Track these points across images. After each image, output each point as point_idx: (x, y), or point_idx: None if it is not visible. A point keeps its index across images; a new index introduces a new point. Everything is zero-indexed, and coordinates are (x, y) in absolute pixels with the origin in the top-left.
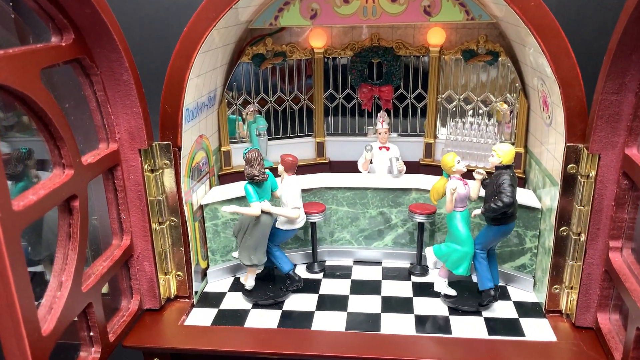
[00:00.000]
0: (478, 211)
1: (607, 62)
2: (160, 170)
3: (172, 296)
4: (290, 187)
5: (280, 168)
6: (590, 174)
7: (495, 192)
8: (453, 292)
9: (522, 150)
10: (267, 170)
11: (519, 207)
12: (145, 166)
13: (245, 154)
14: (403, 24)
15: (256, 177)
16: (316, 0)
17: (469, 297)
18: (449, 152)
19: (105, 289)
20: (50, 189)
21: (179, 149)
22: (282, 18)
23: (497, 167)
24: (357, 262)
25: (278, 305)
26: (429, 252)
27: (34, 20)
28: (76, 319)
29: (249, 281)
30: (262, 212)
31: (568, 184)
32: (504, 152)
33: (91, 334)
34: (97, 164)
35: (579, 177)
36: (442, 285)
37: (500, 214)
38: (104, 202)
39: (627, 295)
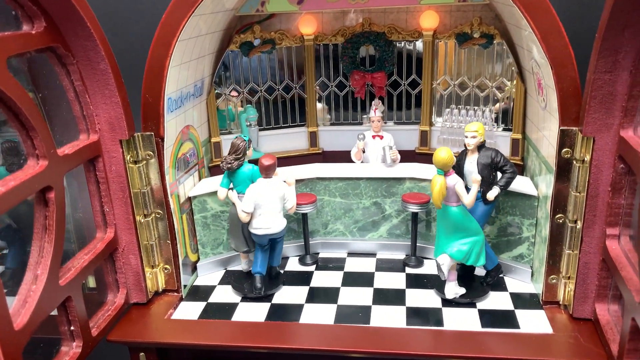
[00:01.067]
0: (496, 191)
1: (599, 39)
2: (144, 162)
3: (161, 290)
4: (252, 188)
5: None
6: (586, 158)
7: (495, 168)
8: (463, 290)
9: (519, 136)
10: (245, 162)
11: (516, 196)
12: (128, 157)
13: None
14: (395, 7)
15: (220, 165)
16: None
17: (465, 288)
18: (442, 148)
19: (92, 283)
20: (22, 180)
21: (162, 139)
22: (269, 4)
23: (479, 146)
24: (351, 254)
25: (267, 298)
26: (444, 260)
27: (4, 8)
28: (56, 313)
29: (242, 265)
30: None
31: (563, 169)
32: (483, 129)
33: (72, 328)
34: (75, 155)
35: (574, 162)
36: (454, 289)
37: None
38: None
39: (623, 285)
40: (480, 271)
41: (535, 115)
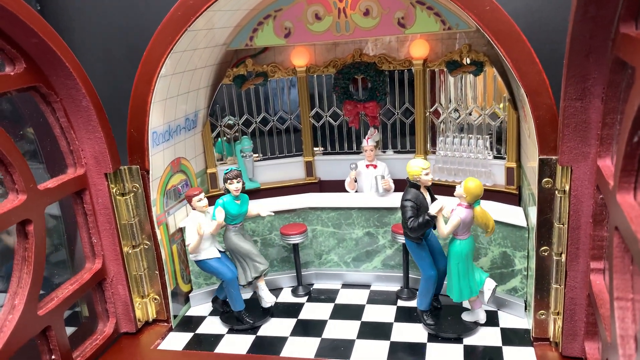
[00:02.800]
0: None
1: (566, 66)
2: (131, 194)
3: (151, 320)
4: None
5: None
6: (566, 189)
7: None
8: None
9: (514, 165)
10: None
11: (507, 227)
12: (114, 190)
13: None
14: (386, 37)
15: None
16: (289, 18)
17: (451, 323)
18: (470, 179)
19: (85, 312)
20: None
21: (147, 172)
22: (257, 38)
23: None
24: (345, 285)
25: (254, 330)
26: (494, 282)
27: None
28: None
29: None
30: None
31: (545, 200)
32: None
33: (52, 357)
34: (57, 189)
35: (556, 192)
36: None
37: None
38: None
39: (600, 322)
40: (466, 304)
41: (526, 144)
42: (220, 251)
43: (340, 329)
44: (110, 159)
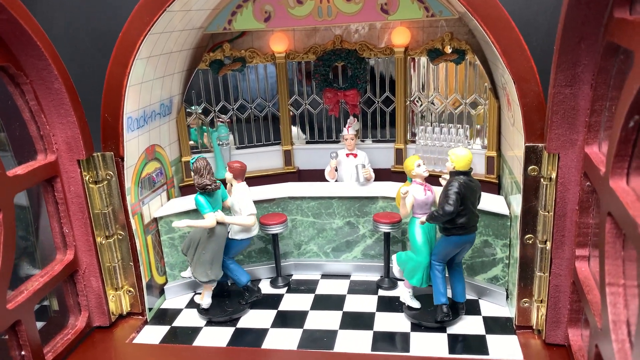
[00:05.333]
0: (423, 218)
1: (557, 52)
2: (104, 182)
3: (125, 313)
4: (242, 193)
5: (229, 176)
6: (553, 176)
7: (443, 199)
8: (417, 304)
9: (494, 154)
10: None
11: (488, 215)
12: (87, 177)
13: (192, 163)
14: (367, 24)
15: (208, 187)
16: (269, 2)
17: (434, 311)
18: (412, 155)
19: (55, 306)
20: None
21: (122, 159)
22: (236, 22)
23: (451, 173)
24: (325, 276)
25: (233, 322)
26: (394, 260)
27: None
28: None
29: (205, 299)
30: (217, 222)
31: (530, 187)
32: (457, 157)
33: (22, 353)
34: (27, 176)
35: (542, 180)
36: (406, 296)
37: (448, 224)
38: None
39: (588, 309)
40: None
41: (508, 133)
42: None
43: (322, 320)
44: (83, 145)
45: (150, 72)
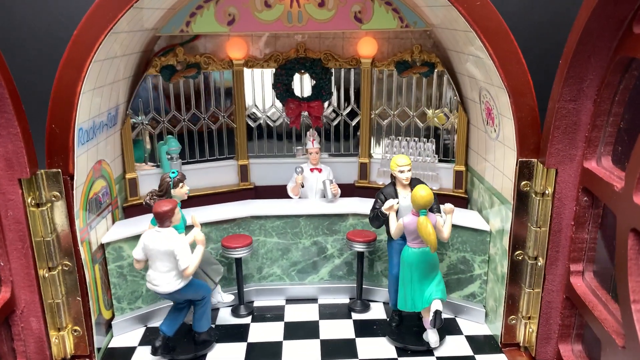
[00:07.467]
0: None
1: (564, 66)
2: (49, 204)
3: (69, 356)
4: (144, 235)
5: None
6: (547, 191)
7: None
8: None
9: (462, 168)
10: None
11: (466, 231)
12: (29, 199)
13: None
14: (331, 32)
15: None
16: (234, 4)
17: (419, 334)
18: (421, 186)
19: None
20: None
21: (71, 177)
22: (195, 24)
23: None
24: (290, 301)
25: (199, 359)
26: (440, 305)
27: None
28: None
29: (225, 296)
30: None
31: (521, 203)
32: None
33: None
34: None
35: (533, 195)
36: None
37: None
38: None
39: (598, 325)
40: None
41: (480, 146)
42: None
43: (300, 351)
44: (28, 162)
45: (102, 76)
